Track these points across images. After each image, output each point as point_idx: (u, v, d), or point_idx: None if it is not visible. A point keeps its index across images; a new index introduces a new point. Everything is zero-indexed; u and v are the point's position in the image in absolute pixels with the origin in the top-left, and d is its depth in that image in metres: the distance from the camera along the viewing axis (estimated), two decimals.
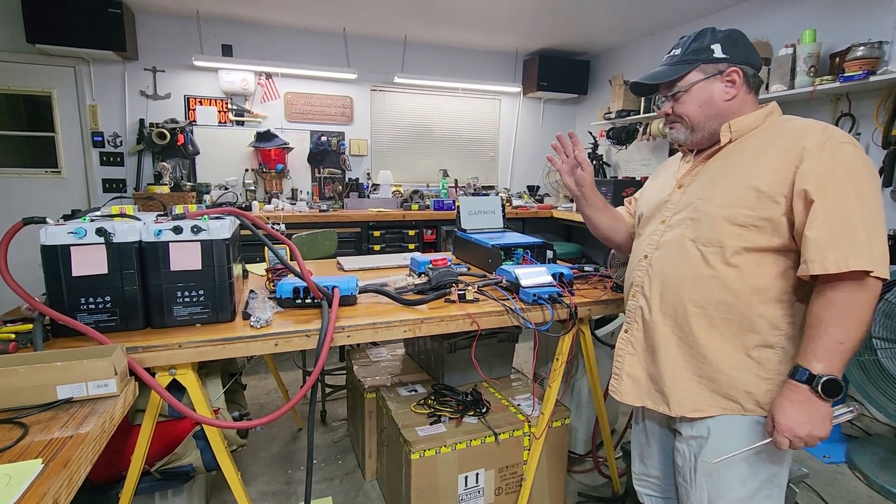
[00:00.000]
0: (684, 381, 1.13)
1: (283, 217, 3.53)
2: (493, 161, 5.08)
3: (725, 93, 1.11)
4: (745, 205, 1.02)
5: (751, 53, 1.12)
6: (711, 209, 1.07)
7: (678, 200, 1.17)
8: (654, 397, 1.19)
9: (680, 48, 1.15)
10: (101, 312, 1.20)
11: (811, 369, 0.94)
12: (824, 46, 2.74)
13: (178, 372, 1.22)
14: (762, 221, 1.00)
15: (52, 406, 0.91)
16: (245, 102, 4.12)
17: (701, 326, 1.09)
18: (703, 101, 1.12)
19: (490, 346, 2.11)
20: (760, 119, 1.10)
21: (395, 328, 1.40)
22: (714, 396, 1.09)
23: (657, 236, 1.19)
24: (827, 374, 0.93)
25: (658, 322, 1.16)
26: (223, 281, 1.29)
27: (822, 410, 0.95)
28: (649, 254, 1.20)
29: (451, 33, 4.23)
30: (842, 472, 2.25)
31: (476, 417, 1.79)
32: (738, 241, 1.03)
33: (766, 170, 1.01)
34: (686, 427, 1.16)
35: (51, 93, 3.67)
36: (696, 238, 1.09)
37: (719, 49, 1.10)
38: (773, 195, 0.99)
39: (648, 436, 1.35)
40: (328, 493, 2.04)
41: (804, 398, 0.95)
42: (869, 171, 0.96)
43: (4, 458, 0.75)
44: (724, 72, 1.10)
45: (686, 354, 1.12)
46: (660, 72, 1.17)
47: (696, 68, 1.12)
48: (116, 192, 3.87)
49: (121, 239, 1.19)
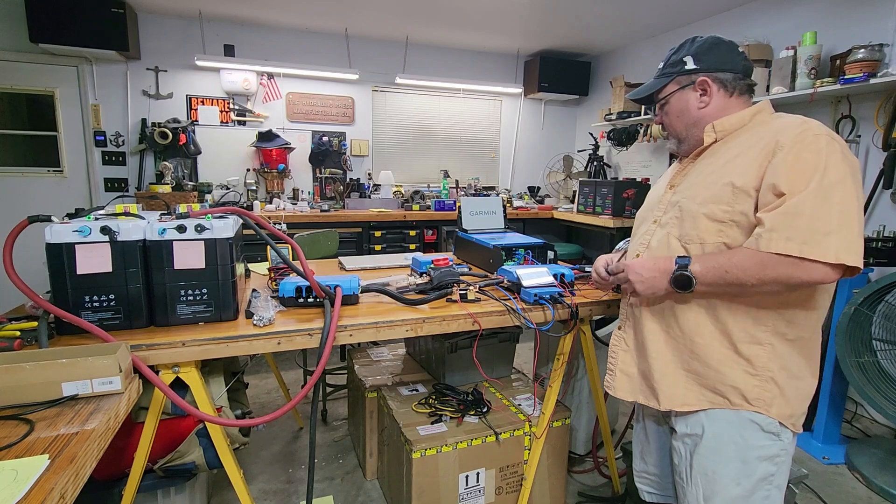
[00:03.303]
0: (673, 376, 1.15)
1: (284, 217, 3.54)
2: (494, 162, 5.09)
3: (699, 101, 1.15)
4: (723, 200, 1.04)
5: (728, 59, 1.14)
6: (693, 207, 1.10)
7: (668, 200, 1.21)
8: (645, 392, 1.22)
9: (663, 61, 1.22)
10: (105, 310, 1.20)
11: (689, 261, 1.04)
12: (825, 49, 2.74)
13: (182, 370, 1.23)
14: (740, 216, 1.02)
15: (58, 403, 0.92)
16: (247, 102, 4.13)
17: (687, 321, 1.12)
18: (680, 111, 1.18)
19: (491, 346, 2.12)
20: (746, 118, 1.12)
21: (397, 327, 1.40)
22: (702, 391, 1.11)
23: (648, 236, 1.23)
24: (690, 271, 1.03)
25: (646, 318, 1.20)
26: (226, 280, 1.30)
27: (661, 279, 1.08)
28: (640, 253, 1.23)
29: (453, 34, 4.24)
30: (841, 474, 2.26)
31: (477, 417, 1.80)
32: (718, 237, 1.05)
33: (742, 165, 1.04)
34: (680, 424, 1.17)
35: (53, 92, 3.68)
36: (679, 235, 1.12)
37: (691, 61, 1.15)
38: (747, 189, 1.01)
39: (648, 434, 1.37)
40: (329, 492, 2.04)
41: (663, 266, 1.08)
42: (841, 162, 0.94)
43: (11, 454, 0.75)
44: (696, 81, 1.15)
45: (674, 349, 1.15)
46: (649, 85, 1.24)
47: (672, 80, 1.18)
48: (118, 191, 3.88)
49: (125, 237, 1.20)
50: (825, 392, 2.38)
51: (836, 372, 2.31)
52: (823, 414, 2.39)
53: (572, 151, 5.07)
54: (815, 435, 2.44)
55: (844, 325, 2.16)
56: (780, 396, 1.05)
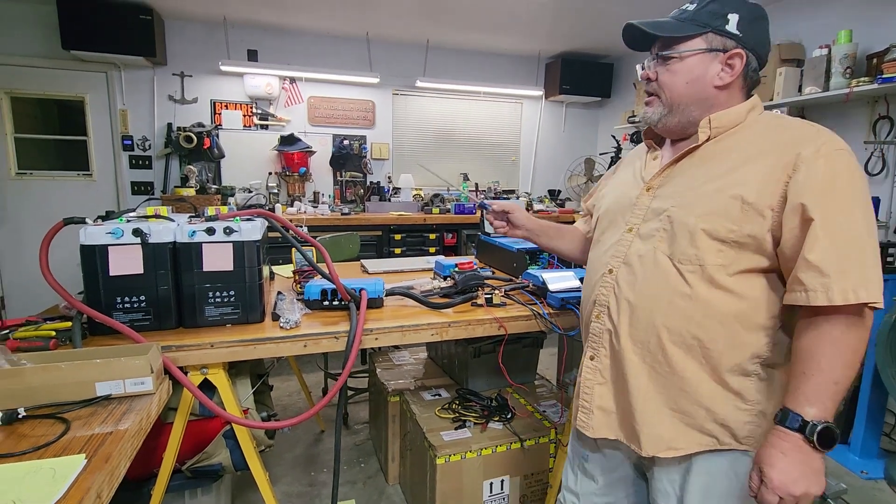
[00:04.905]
0: (657, 416, 0.98)
1: (305, 220, 3.56)
2: (514, 165, 5.06)
3: (719, 77, 0.94)
4: (729, 217, 0.88)
5: (764, 42, 0.96)
6: (690, 220, 0.91)
7: (647, 206, 1.01)
8: (626, 431, 1.04)
9: (696, 4, 0.96)
10: (135, 311, 1.22)
11: (803, 414, 0.80)
12: (861, 47, 2.65)
13: (210, 371, 1.24)
14: (746, 238, 0.87)
15: (92, 402, 0.93)
16: (269, 106, 4.18)
17: (677, 355, 0.94)
18: (694, 79, 0.95)
19: (515, 351, 2.09)
20: (742, 115, 0.95)
21: (422, 331, 1.39)
22: (689, 431, 0.95)
23: (623, 247, 1.02)
24: (822, 421, 0.79)
25: (627, 350, 1.00)
26: (254, 282, 1.30)
27: (816, 463, 0.81)
28: (615, 268, 1.03)
29: (473, 37, 4.23)
30: (881, 489, 2.16)
31: (501, 423, 1.77)
32: (718, 259, 0.89)
33: (753, 178, 0.87)
34: (664, 470, 1.01)
35: (84, 98, 3.77)
36: (671, 254, 0.94)
37: (735, 21, 0.92)
38: (760, 208, 0.86)
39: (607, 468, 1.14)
40: (351, 496, 2.03)
41: (797, 448, 0.81)
42: (865, 184, 0.85)
43: (49, 453, 0.76)
44: (728, 51, 0.93)
45: (659, 386, 0.97)
46: (665, 24, 0.97)
47: (703, 35, 0.93)
48: (144, 194, 3.96)
49: (156, 239, 1.21)
50: (863, 404, 2.29)
51: (875, 382, 2.22)
52: (861, 426, 2.30)
53: (594, 154, 5.01)
54: (852, 448, 2.34)
55: (885, 334, 2.07)
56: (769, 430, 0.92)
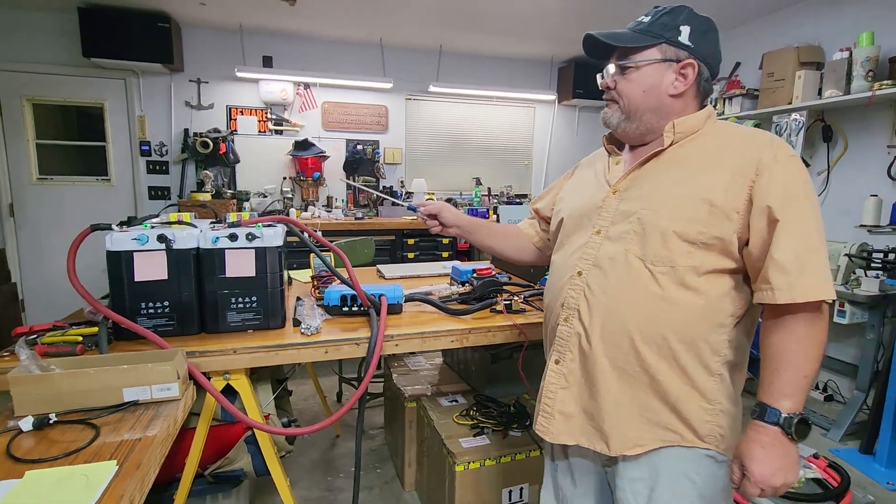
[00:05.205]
0: (626, 417, 0.99)
1: (319, 224, 3.58)
2: (527, 169, 5.04)
3: (674, 86, 0.98)
4: (698, 220, 0.91)
5: (715, 53, 1.01)
6: (661, 222, 0.94)
7: (615, 208, 1.02)
8: (589, 434, 1.03)
9: (650, 16, 1.01)
10: (159, 317, 1.22)
11: (780, 408, 0.84)
12: (883, 49, 2.61)
13: (232, 377, 1.24)
14: (713, 240, 0.91)
15: (120, 408, 0.93)
16: (284, 112, 4.22)
17: (650, 357, 0.95)
18: (650, 87, 0.99)
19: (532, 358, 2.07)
20: (701, 122, 0.99)
21: (442, 338, 1.39)
22: (654, 429, 0.98)
23: (593, 249, 1.02)
24: (797, 413, 0.84)
25: (598, 352, 1.00)
26: (275, 288, 1.31)
27: (793, 453, 0.85)
28: (584, 270, 1.02)
29: (486, 42, 4.24)
30: None
31: (521, 431, 1.76)
32: (688, 260, 0.92)
33: (718, 182, 0.91)
34: (630, 468, 1.01)
35: (103, 104, 3.84)
36: (643, 255, 0.95)
37: (686, 33, 0.97)
38: (727, 210, 0.90)
39: (576, 477, 1.15)
40: (367, 501, 2.03)
41: (776, 441, 0.84)
42: (813, 188, 0.92)
43: (80, 458, 0.76)
44: (681, 61, 0.97)
45: (629, 388, 0.98)
46: (621, 35, 1.02)
47: (657, 46, 0.98)
48: (161, 199, 4.01)
49: (180, 246, 1.22)
50: (889, 412, 2.23)
51: None
52: (887, 436, 2.24)
53: None
54: (877, 459, 2.29)
55: None
56: (729, 428, 0.96)
